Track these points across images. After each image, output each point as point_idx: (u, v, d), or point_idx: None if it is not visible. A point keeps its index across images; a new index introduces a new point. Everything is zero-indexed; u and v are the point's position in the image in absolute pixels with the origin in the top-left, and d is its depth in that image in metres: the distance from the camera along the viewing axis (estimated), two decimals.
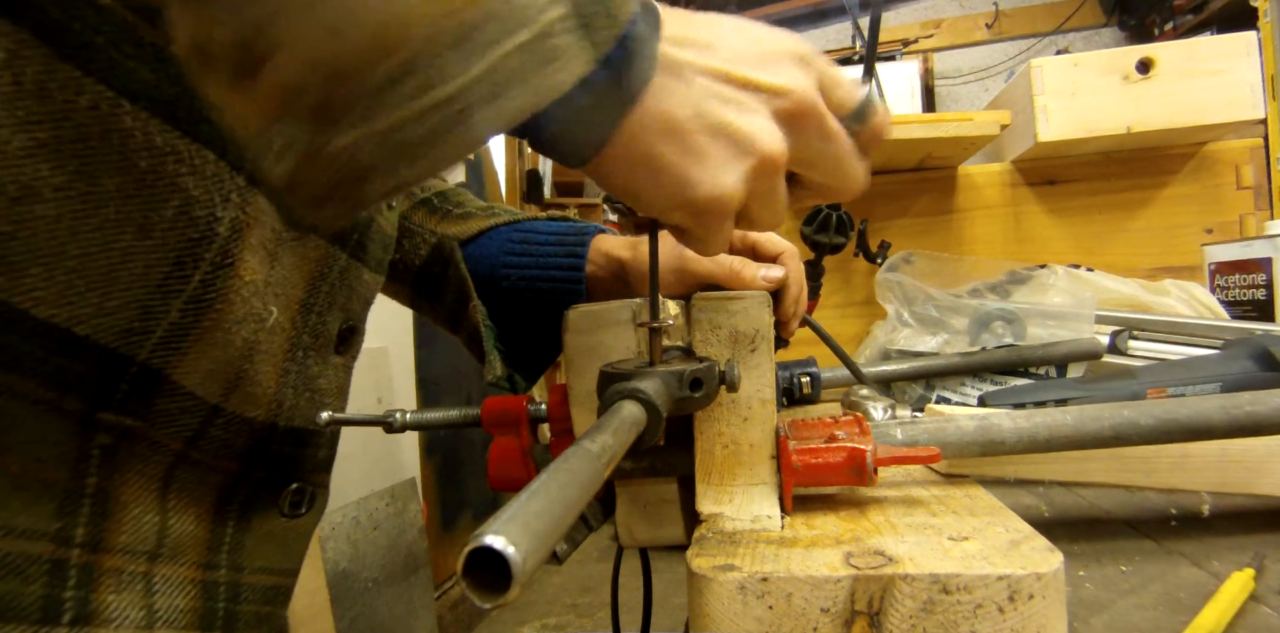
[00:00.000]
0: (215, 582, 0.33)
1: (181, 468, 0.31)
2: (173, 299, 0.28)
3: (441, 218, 0.56)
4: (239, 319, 0.30)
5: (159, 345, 0.28)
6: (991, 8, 3.67)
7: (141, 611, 0.29)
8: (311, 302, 0.35)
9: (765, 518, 0.34)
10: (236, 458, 0.33)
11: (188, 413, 0.30)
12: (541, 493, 0.18)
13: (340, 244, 0.36)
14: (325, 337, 0.37)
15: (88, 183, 0.25)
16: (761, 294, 0.38)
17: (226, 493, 0.33)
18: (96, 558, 0.28)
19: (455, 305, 0.54)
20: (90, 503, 0.28)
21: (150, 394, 0.29)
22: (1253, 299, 1.03)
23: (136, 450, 0.29)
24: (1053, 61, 1.18)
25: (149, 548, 0.30)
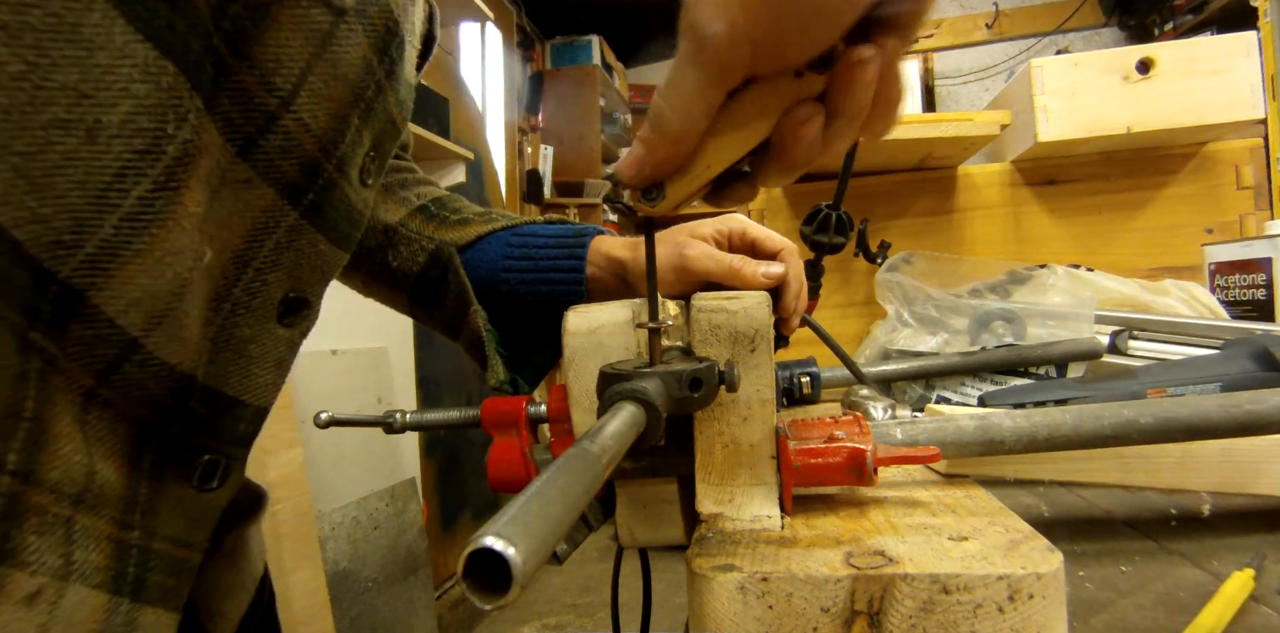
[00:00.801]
0: (129, 543, 0.30)
1: (93, 408, 0.29)
2: (108, 214, 0.26)
3: (439, 224, 0.55)
4: (176, 250, 0.28)
5: (85, 263, 0.26)
6: (991, 8, 3.67)
7: (60, 559, 0.27)
8: (250, 255, 0.33)
9: (765, 518, 0.34)
10: (149, 406, 0.31)
11: (104, 342, 0.28)
12: (541, 494, 0.18)
13: (290, 199, 0.34)
14: (265, 298, 0.35)
15: (43, 75, 0.24)
16: (761, 294, 0.38)
17: (139, 445, 0.31)
18: (24, 491, 0.26)
19: (455, 312, 0.54)
20: (27, 429, 0.26)
21: (69, 317, 0.27)
22: (1253, 299, 1.03)
23: (58, 382, 0.27)
24: (1053, 61, 1.18)
25: (75, 491, 0.28)
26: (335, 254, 0.38)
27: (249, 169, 0.32)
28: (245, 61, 0.30)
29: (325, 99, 0.33)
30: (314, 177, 0.34)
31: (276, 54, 0.31)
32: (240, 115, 0.30)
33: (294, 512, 1.35)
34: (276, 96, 0.31)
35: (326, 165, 0.35)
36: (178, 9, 0.26)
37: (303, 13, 0.31)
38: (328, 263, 0.38)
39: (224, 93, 0.30)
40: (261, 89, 0.31)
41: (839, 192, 0.88)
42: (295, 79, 0.31)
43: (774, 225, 1.26)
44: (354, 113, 0.35)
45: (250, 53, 0.30)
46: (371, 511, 1.74)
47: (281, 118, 0.32)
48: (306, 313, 0.38)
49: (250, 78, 0.30)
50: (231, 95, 0.30)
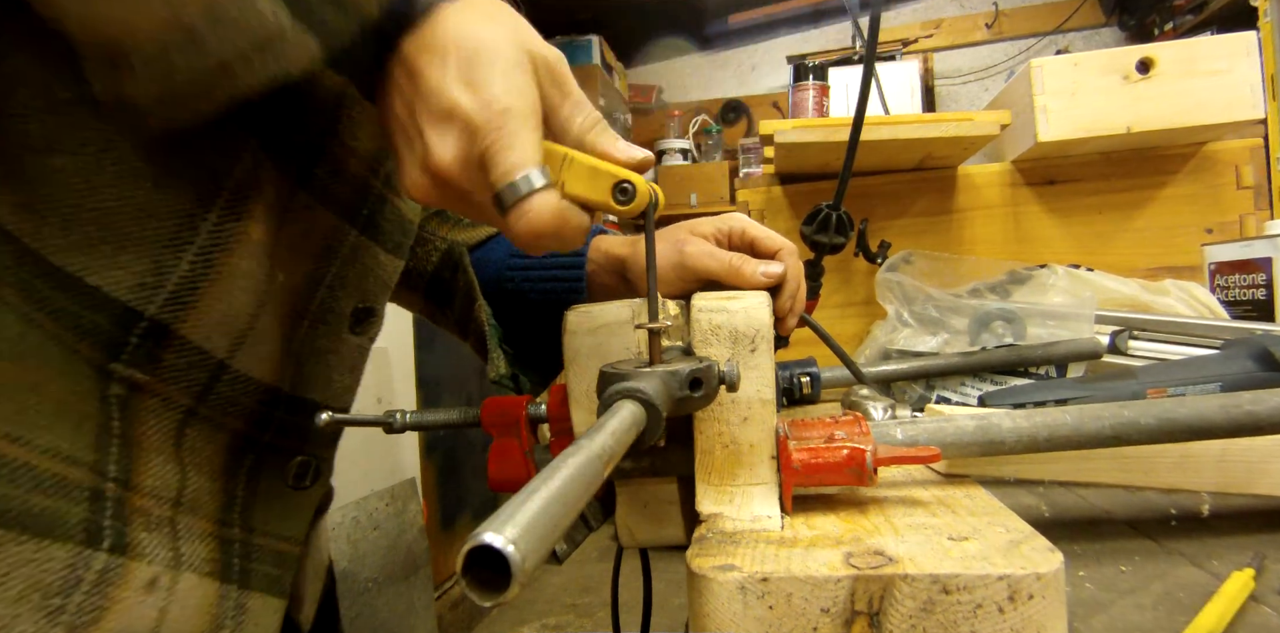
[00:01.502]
0: (230, 538, 0.34)
1: (192, 424, 0.32)
2: (183, 252, 0.29)
3: (453, 225, 0.57)
4: (245, 273, 0.31)
5: (169, 300, 0.29)
6: (991, 8, 3.67)
7: (169, 551, 0.30)
8: (320, 274, 0.36)
9: (765, 518, 0.34)
10: (243, 418, 0.34)
11: (195, 368, 0.31)
12: (541, 493, 0.18)
13: (349, 219, 0.36)
14: (337, 313, 0.38)
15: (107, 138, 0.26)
16: (761, 294, 0.38)
17: (235, 454, 0.34)
18: (127, 495, 0.29)
19: (464, 310, 0.55)
20: (118, 444, 0.29)
21: (159, 348, 0.29)
22: (1253, 299, 1.03)
23: (148, 404, 0.30)
24: (1053, 61, 1.18)
25: (172, 495, 0.31)
26: (393, 263, 0.41)
27: (308, 196, 0.34)
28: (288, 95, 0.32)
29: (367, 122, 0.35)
30: (365, 194, 0.37)
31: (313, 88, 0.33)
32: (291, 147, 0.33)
33: None
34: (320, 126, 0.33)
35: (374, 182, 0.37)
36: None
37: None
38: (388, 272, 0.41)
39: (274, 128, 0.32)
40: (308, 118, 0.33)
41: (839, 192, 0.88)
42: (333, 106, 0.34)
43: (774, 225, 1.26)
44: None
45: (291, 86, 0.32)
46: (371, 511, 1.73)
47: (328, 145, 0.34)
48: (374, 320, 0.41)
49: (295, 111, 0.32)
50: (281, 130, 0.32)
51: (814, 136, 1.12)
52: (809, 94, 1.37)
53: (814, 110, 1.37)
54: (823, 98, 1.38)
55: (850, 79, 1.68)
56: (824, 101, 1.38)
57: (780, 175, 1.35)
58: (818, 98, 1.37)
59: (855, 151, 0.85)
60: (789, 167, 1.30)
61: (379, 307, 0.41)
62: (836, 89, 1.47)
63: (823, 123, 1.18)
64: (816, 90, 1.37)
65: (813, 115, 1.36)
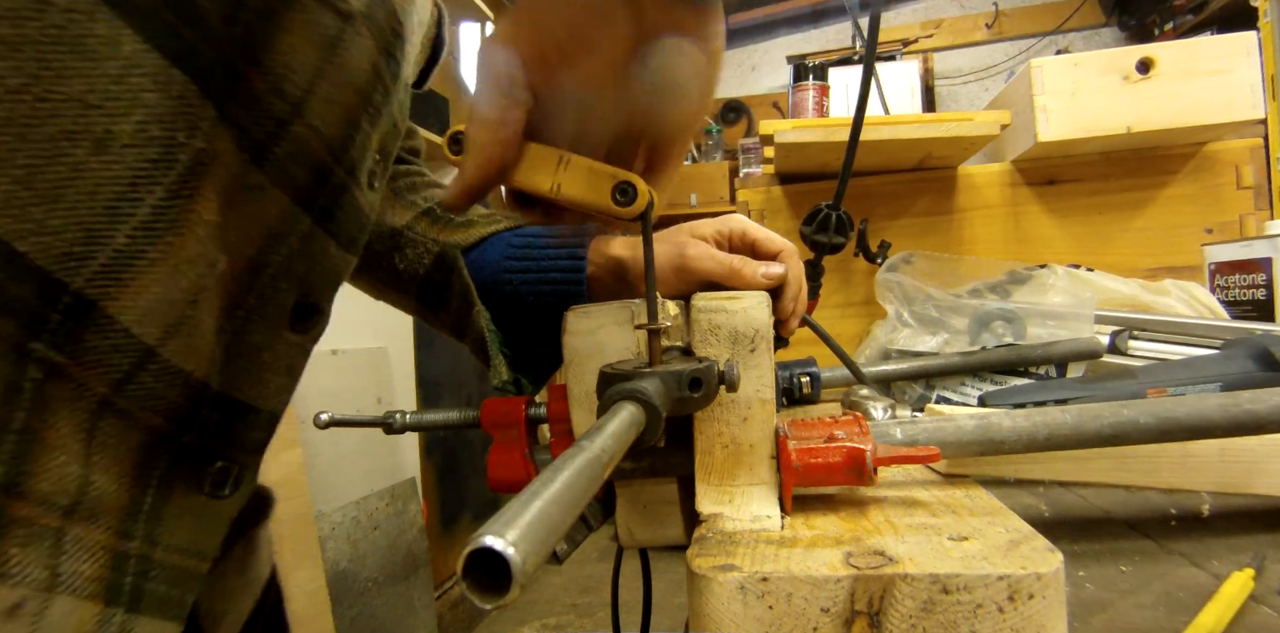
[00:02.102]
0: (127, 553, 0.30)
1: (106, 417, 0.29)
2: (120, 224, 0.26)
3: (444, 227, 0.56)
4: (191, 258, 0.28)
5: (99, 273, 0.26)
6: (991, 8, 3.67)
7: (45, 571, 0.27)
8: (263, 261, 0.33)
9: (765, 518, 0.34)
10: (163, 414, 0.31)
11: (120, 352, 0.28)
12: (541, 494, 0.18)
13: (304, 205, 0.34)
14: (277, 306, 0.35)
15: (46, 86, 0.24)
16: (761, 294, 0.38)
17: (150, 454, 0.31)
18: (9, 503, 0.26)
19: (460, 313, 0.54)
20: (15, 440, 0.26)
21: (82, 327, 0.26)
22: (1253, 299, 1.03)
23: (63, 391, 0.27)
24: (1053, 61, 1.18)
25: (66, 502, 0.27)
26: (344, 258, 0.38)
27: (262, 175, 0.32)
28: (256, 68, 0.30)
29: (335, 104, 0.33)
30: (325, 182, 0.34)
31: (287, 60, 0.31)
32: (252, 122, 0.30)
33: (294, 512, 1.35)
34: (288, 103, 0.31)
35: (337, 170, 0.35)
36: (186, 17, 0.26)
37: (311, 18, 0.31)
38: (337, 268, 0.38)
39: (236, 100, 0.30)
40: (273, 95, 0.31)
41: (839, 192, 0.88)
42: (306, 85, 0.32)
43: (774, 225, 1.26)
44: (363, 117, 0.35)
45: (260, 59, 0.30)
46: (371, 511, 1.73)
47: (293, 124, 0.32)
48: (317, 319, 0.38)
49: (261, 84, 0.30)
50: (243, 102, 0.30)
51: (814, 136, 1.12)
52: (809, 94, 1.37)
53: (814, 110, 1.37)
54: (823, 98, 1.38)
55: (850, 79, 1.68)
56: (824, 101, 1.38)
57: (780, 175, 1.35)
58: (818, 98, 1.37)
59: (855, 152, 0.85)
60: (789, 167, 1.30)
61: (324, 304, 0.38)
62: (836, 89, 1.47)
63: (823, 123, 1.18)
64: (816, 90, 1.37)
65: (813, 115, 1.36)
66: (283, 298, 0.35)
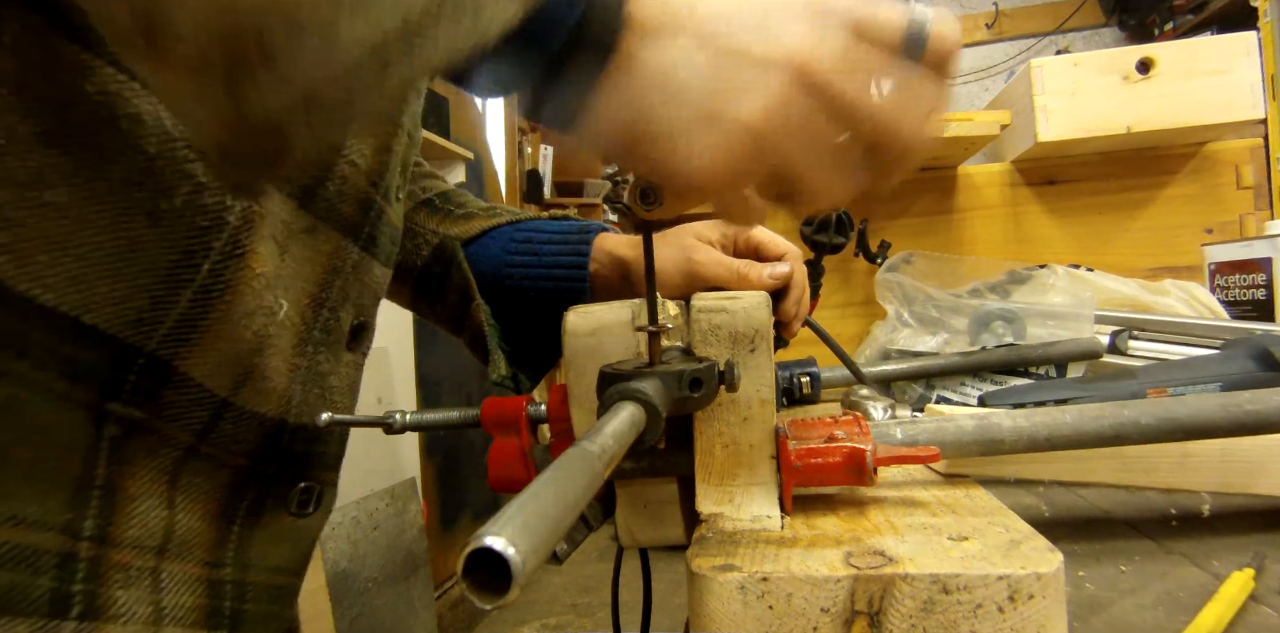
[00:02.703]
0: (221, 580, 0.33)
1: (191, 462, 0.31)
2: (182, 289, 0.28)
3: (444, 218, 0.55)
4: (249, 311, 0.30)
5: (168, 336, 0.28)
6: (991, 8, 3.67)
7: (149, 607, 0.29)
8: (324, 296, 0.35)
9: (765, 518, 0.34)
10: (247, 454, 0.33)
11: (197, 406, 0.30)
12: (541, 494, 0.18)
13: (353, 237, 0.35)
14: (337, 333, 0.37)
15: (96, 169, 0.25)
16: (761, 294, 0.38)
17: (235, 490, 0.33)
18: (104, 552, 0.28)
19: (457, 306, 0.54)
20: (99, 495, 0.28)
21: (159, 386, 0.28)
22: (1253, 299, 1.03)
23: (145, 443, 0.29)
24: (1053, 61, 1.18)
25: (156, 543, 0.30)
26: (385, 274, 0.40)
27: (311, 218, 0.33)
28: None
29: (370, 136, 0.34)
30: (368, 211, 0.36)
31: None
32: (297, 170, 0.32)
33: None
34: None
35: (375, 196, 0.36)
36: None
37: None
38: (380, 285, 0.40)
39: None
40: None
41: None
42: None
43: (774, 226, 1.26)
44: (395, 141, 0.36)
45: None
46: (371, 511, 1.73)
47: (337, 164, 0.33)
48: (367, 335, 0.40)
49: None
50: None
51: None
52: None
53: None
54: None
55: None
56: None
57: None
58: None
59: None
60: None
61: (372, 321, 0.40)
62: None
63: None
64: None
65: None
66: (342, 325, 0.37)
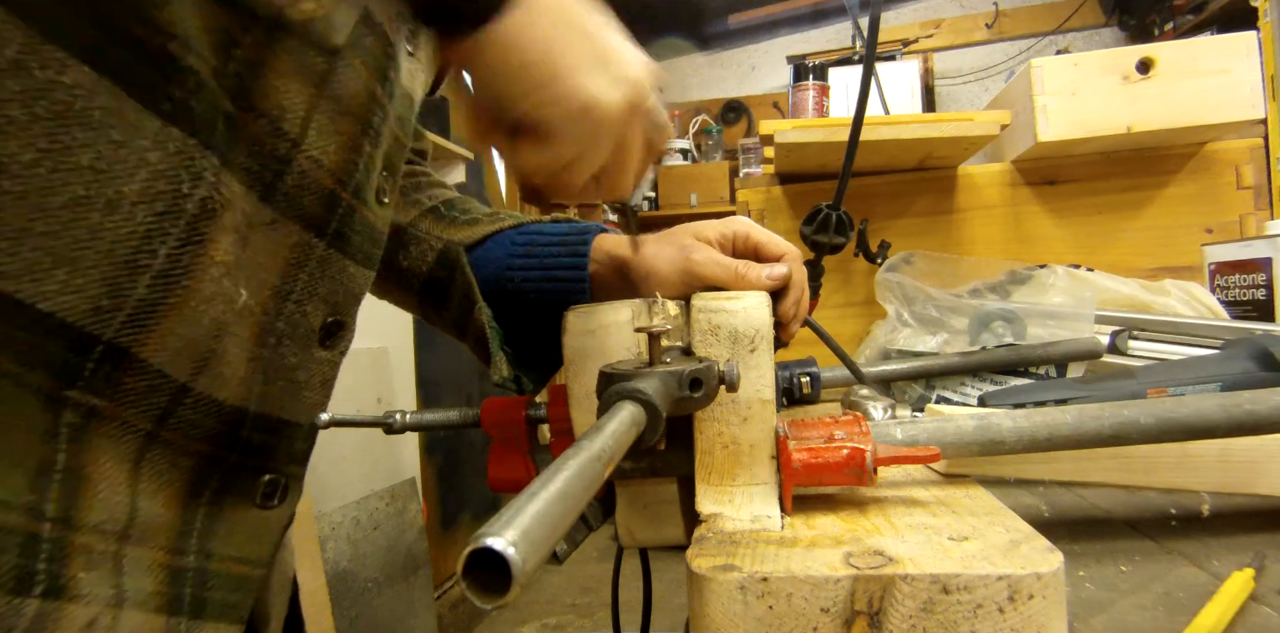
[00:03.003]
0: (183, 568, 0.33)
1: (153, 448, 0.31)
2: (140, 275, 0.28)
3: (448, 225, 0.56)
4: (208, 297, 0.30)
5: (126, 323, 0.28)
6: (991, 8, 3.67)
7: (111, 589, 0.29)
8: (287, 289, 0.35)
9: (765, 518, 0.34)
10: (207, 440, 0.33)
11: (156, 391, 0.30)
12: (541, 494, 0.18)
13: (315, 232, 0.36)
14: (306, 328, 0.37)
15: (57, 159, 0.26)
16: (761, 294, 0.38)
17: (199, 476, 0.33)
18: (67, 534, 0.28)
19: (461, 310, 0.54)
20: (60, 479, 0.28)
21: (118, 372, 0.29)
22: (1253, 299, 1.03)
23: (105, 430, 0.29)
24: (1053, 61, 1.18)
25: (119, 528, 0.30)
26: (362, 274, 0.40)
27: (272, 211, 0.33)
28: (251, 113, 0.31)
29: (334, 133, 0.35)
30: (333, 207, 0.36)
31: (280, 101, 0.32)
32: (257, 163, 0.32)
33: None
34: (287, 140, 0.33)
35: (343, 194, 0.36)
36: (174, 79, 0.28)
37: (298, 59, 0.32)
38: (357, 284, 0.40)
39: (238, 145, 0.31)
40: (272, 136, 0.32)
41: (839, 192, 0.88)
42: (300, 121, 0.33)
43: (774, 226, 1.26)
44: (365, 141, 0.36)
45: (255, 104, 0.31)
46: (371, 511, 1.73)
47: (295, 159, 0.33)
48: (344, 334, 0.40)
49: (259, 127, 0.32)
50: (245, 146, 0.31)
51: (814, 137, 1.12)
52: (809, 94, 1.37)
53: (814, 110, 1.37)
54: (823, 98, 1.38)
55: (850, 79, 1.68)
56: (824, 101, 1.38)
57: (780, 175, 1.35)
58: (818, 98, 1.37)
59: (855, 152, 0.85)
60: (789, 167, 1.30)
61: (349, 320, 0.40)
62: (836, 89, 1.47)
63: (823, 123, 1.18)
64: (816, 90, 1.37)
65: (813, 115, 1.36)
66: (310, 320, 0.37)
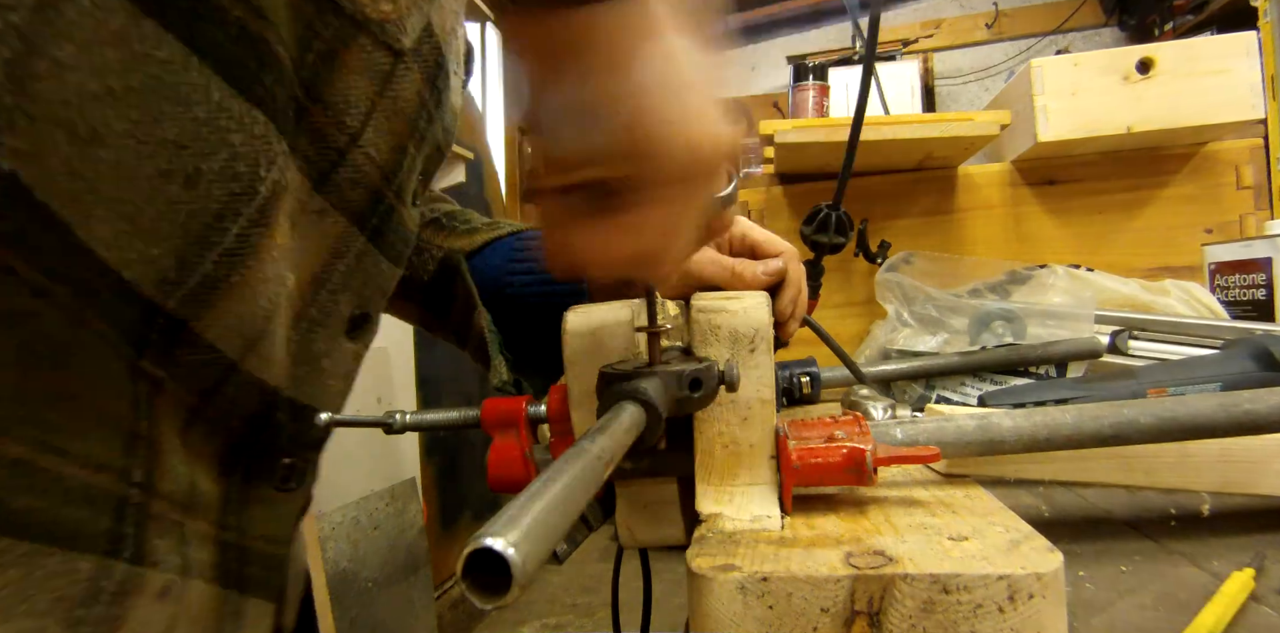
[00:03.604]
0: (228, 542, 0.34)
1: (196, 424, 0.32)
2: (209, 251, 0.29)
3: (449, 234, 0.57)
4: (266, 278, 0.31)
5: (188, 297, 0.29)
6: (991, 8, 3.67)
7: (179, 558, 0.30)
8: (324, 277, 0.36)
9: (765, 518, 0.34)
10: (243, 419, 0.34)
11: (208, 366, 0.31)
12: (541, 494, 0.18)
13: (359, 225, 0.37)
14: (336, 316, 0.38)
15: (146, 131, 0.26)
16: (761, 294, 0.38)
17: (233, 454, 0.34)
18: (148, 500, 0.29)
19: (461, 317, 0.55)
20: (144, 446, 0.29)
21: (174, 345, 0.29)
22: (1253, 299, 1.03)
23: (165, 403, 0.30)
24: (1053, 61, 1.18)
25: (183, 499, 0.31)
26: (393, 272, 0.41)
27: (323, 201, 0.34)
28: (319, 104, 0.32)
29: (387, 133, 0.36)
30: (377, 203, 0.37)
31: (345, 95, 0.33)
32: (316, 153, 0.33)
33: None
34: (347, 134, 0.34)
35: (387, 192, 0.37)
36: (265, 64, 0.29)
37: (367, 56, 0.33)
38: (386, 280, 0.41)
39: (303, 134, 0.32)
40: (334, 128, 0.33)
41: (839, 192, 0.88)
42: (362, 117, 0.34)
43: (774, 226, 1.26)
44: (411, 142, 0.37)
45: (323, 96, 0.32)
46: (371, 510, 1.73)
47: (351, 153, 0.34)
48: (369, 327, 0.41)
49: (324, 119, 0.33)
50: (308, 135, 0.32)
51: (814, 137, 1.12)
52: (809, 94, 1.37)
53: (814, 110, 1.37)
54: (823, 98, 1.38)
55: (850, 79, 1.67)
56: (824, 101, 1.38)
57: (780, 175, 1.35)
58: (818, 98, 1.37)
59: (855, 151, 0.85)
60: (789, 167, 1.30)
61: (375, 314, 0.41)
62: (836, 89, 1.47)
63: (823, 123, 1.18)
64: (816, 90, 1.37)
65: (813, 115, 1.36)
66: (341, 309, 0.38)
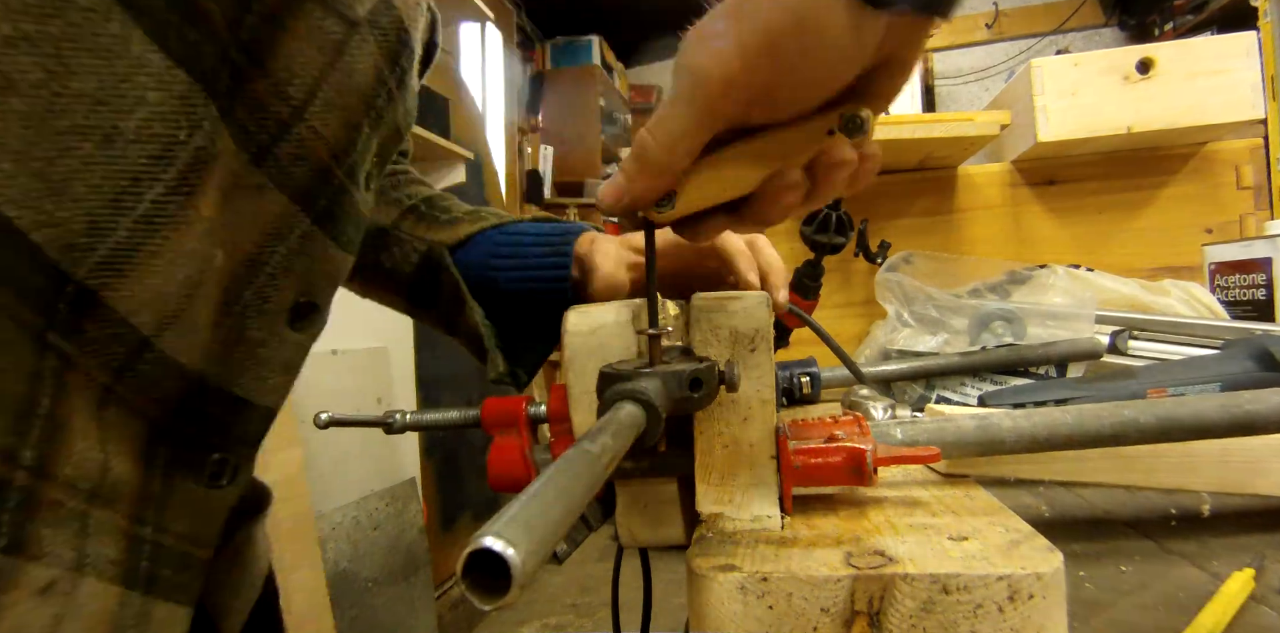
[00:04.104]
0: (142, 538, 0.31)
1: (110, 405, 0.29)
2: (122, 216, 0.27)
3: (429, 225, 0.56)
4: (187, 252, 0.29)
5: (100, 264, 0.27)
6: (991, 8, 3.67)
7: (73, 552, 0.28)
8: (263, 259, 0.34)
9: (765, 518, 0.34)
10: (162, 405, 0.32)
11: (117, 341, 0.29)
12: (541, 494, 0.18)
13: (303, 206, 0.34)
14: (276, 303, 0.35)
15: (62, 82, 0.25)
16: (761, 294, 0.38)
17: (152, 443, 0.32)
18: (39, 485, 0.27)
19: (450, 310, 0.55)
20: (41, 425, 0.27)
21: (84, 317, 0.27)
22: (1253, 299, 1.03)
23: (77, 380, 0.28)
24: (1053, 61, 1.18)
25: (89, 486, 0.29)
26: (343, 258, 0.39)
27: (262, 175, 0.32)
28: (259, 70, 0.30)
29: (338, 108, 0.34)
30: (326, 183, 0.35)
31: (289, 64, 0.31)
32: (254, 123, 0.31)
33: (294, 512, 1.35)
34: (290, 105, 0.32)
35: (337, 172, 0.35)
36: (190, 18, 0.27)
37: (316, 24, 0.31)
38: (336, 267, 0.39)
39: (239, 101, 0.30)
40: (275, 98, 0.31)
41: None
42: (308, 88, 0.32)
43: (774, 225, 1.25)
44: (365, 121, 0.35)
45: (264, 62, 0.30)
46: (371, 510, 1.73)
47: (295, 126, 0.32)
48: (316, 317, 0.38)
49: (264, 87, 0.31)
50: (246, 104, 0.31)
51: None
52: None
53: None
54: None
55: None
56: None
57: None
58: None
59: None
60: None
61: (323, 304, 0.39)
62: None
63: None
64: None
65: None
66: (282, 296, 0.35)
